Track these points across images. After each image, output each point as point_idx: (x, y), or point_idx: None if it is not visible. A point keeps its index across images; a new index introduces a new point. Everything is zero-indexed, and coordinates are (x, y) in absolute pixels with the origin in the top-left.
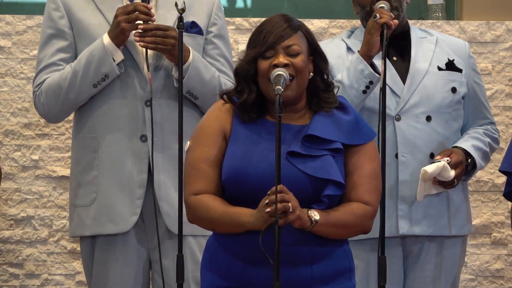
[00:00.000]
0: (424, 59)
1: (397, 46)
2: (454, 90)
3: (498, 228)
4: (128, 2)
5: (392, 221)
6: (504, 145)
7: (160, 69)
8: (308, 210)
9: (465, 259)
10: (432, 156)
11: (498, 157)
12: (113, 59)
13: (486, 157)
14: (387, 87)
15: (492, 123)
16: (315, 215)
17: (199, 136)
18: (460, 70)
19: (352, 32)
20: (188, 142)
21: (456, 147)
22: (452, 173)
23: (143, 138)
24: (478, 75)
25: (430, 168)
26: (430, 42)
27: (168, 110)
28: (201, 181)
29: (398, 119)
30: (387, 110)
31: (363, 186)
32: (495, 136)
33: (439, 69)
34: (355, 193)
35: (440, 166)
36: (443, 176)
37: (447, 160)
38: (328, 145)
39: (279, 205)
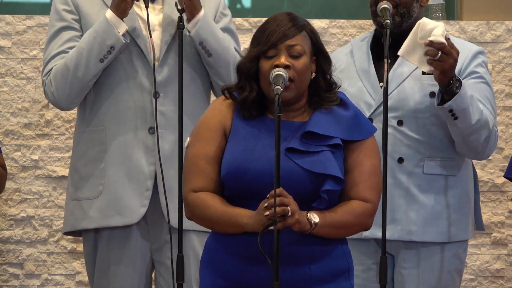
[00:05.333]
0: (411, 63)
1: (394, 51)
2: (432, 94)
3: (498, 228)
4: None
5: None
6: (504, 145)
7: (168, 62)
8: (307, 213)
9: (465, 259)
10: (400, 160)
11: (498, 157)
12: (118, 31)
13: (477, 110)
14: (365, 90)
15: (490, 114)
16: (315, 217)
17: (199, 133)
18: None
19: (368, 35)
20: (188, 138)
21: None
22: (444, 40)
23: (151, 130)
24: (478, 76)
25: (428, 19)
26: None
27: (175, 102)
28: (200, 178)
29: (371, 122)
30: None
31: (363, 183)
32: (491, 121)
33: (423, 73)
34: (356, 190)
35: (438, 23)
36: (435, 34)
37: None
38: (327, 141)
39: (278, 208)
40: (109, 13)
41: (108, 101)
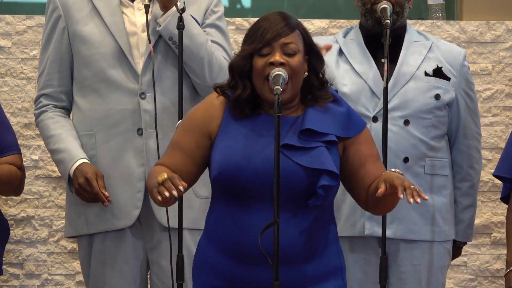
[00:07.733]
0: (413, 63)
1: (391, 50)
2: (437, 97)
3: (498, 228)
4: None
5: (361, 221)
6: (504, 145)
7: (151, 64)
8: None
9: (465, 259)
10: (406, 160)
11: (498, 157)
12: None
13: (474, 203)
14: (367, 87)
15: (478, 135)
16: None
17: (185, 122)
18: (448, 78)
19: (350, 30)
20: (179, 122)
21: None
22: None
23: (140, 132)
24: (471, 84)
25: None
26: (424, 47)
27: (162, 102)
28: (168, 159)
29: (375, 121)
30: (365, 112)
31: (374, 167)
32: (475, 166)
33: (426, 74)
34: (369, 176)
35: None
36: None
37: None
38: (323, 137)
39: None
40: (73, 169)
41: (96, 105)
